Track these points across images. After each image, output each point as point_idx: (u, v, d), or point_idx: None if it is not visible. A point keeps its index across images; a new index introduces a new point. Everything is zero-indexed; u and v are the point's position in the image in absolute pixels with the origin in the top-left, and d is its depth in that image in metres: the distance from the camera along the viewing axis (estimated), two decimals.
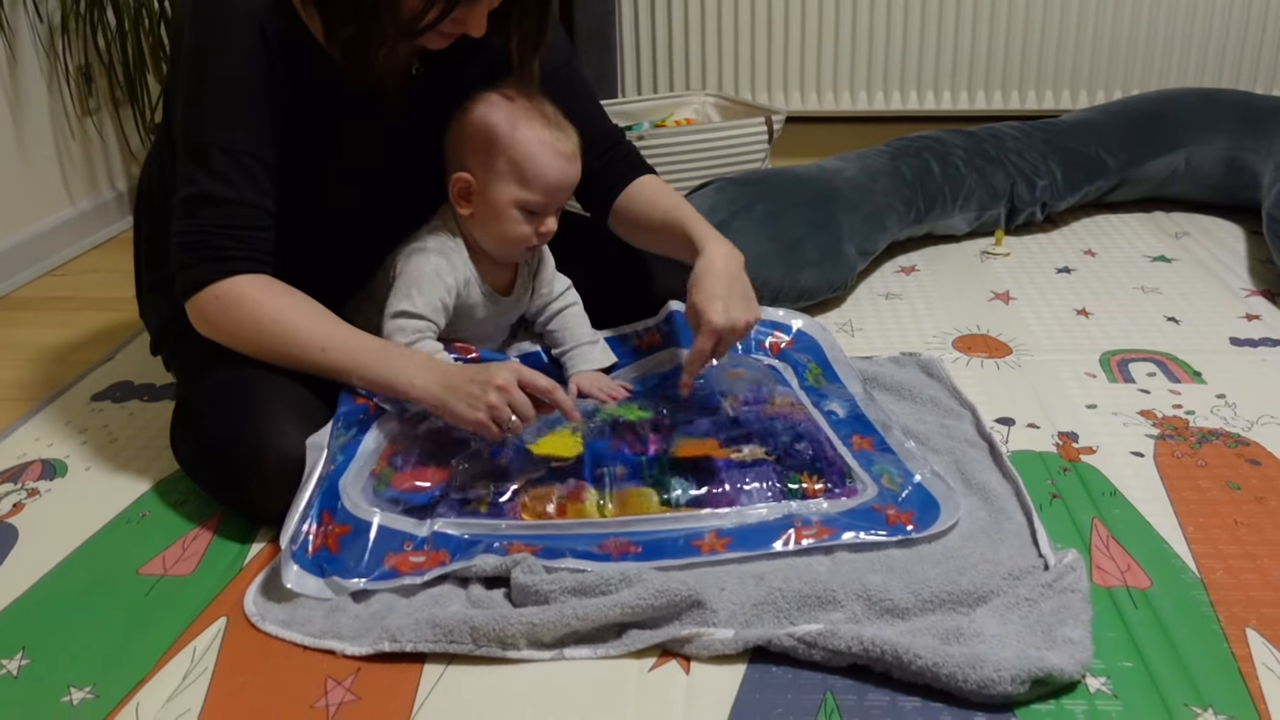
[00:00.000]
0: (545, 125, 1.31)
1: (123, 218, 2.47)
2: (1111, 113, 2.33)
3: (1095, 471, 1.31)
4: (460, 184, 1.32)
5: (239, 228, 1.22)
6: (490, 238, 1.35)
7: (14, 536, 1.25)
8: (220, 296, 1.21)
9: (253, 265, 1.23)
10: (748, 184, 1.90)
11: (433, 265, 1.32)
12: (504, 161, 1.30)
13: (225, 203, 1.21)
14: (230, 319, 1.22)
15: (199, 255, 1.22)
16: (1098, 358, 1.63)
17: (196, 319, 1.25)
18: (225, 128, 1.21)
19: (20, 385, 1.67)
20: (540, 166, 1.30)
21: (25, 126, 2.17)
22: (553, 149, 1.30)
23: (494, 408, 1.16)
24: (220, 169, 1.20)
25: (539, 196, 1.31)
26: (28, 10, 2.17)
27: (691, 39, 2.73)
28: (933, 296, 1.90)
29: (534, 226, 1.33)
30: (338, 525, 1.13)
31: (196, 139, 1.22)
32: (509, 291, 1.42)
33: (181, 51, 1.23)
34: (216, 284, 1.21)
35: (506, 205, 1.31)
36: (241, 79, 1.21)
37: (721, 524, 1.15)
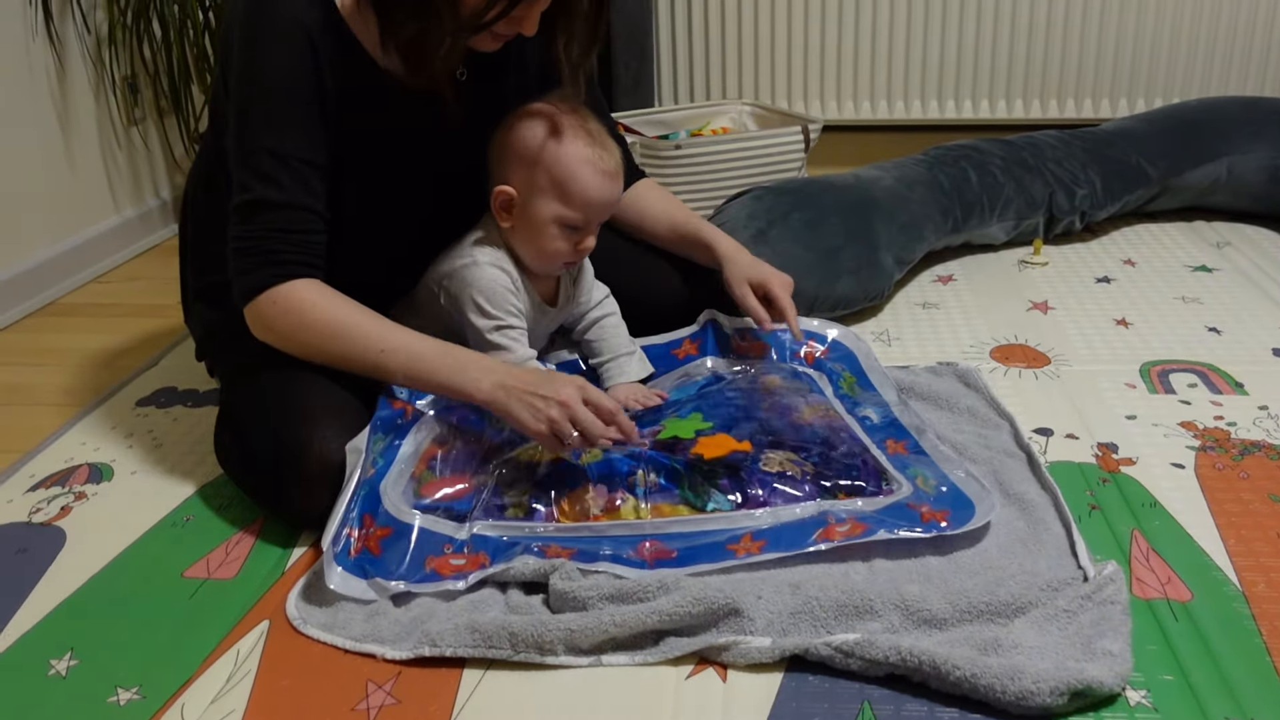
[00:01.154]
0: (589, 143, 1.32)
1: (166, 225, 2.51)
2: (1152, 121, 2.31)
3: (1135, 483, 1.30)
4: (502, 197, 1.34)
5: (294, 231, 1.23)
6: (529, 251, 1.36)
7: (62, 539, 1.27)
8: (278, 301, 1.22)
9: (308, 269, 1.24)
10: (784, 193, 1.90)
11: (490, 276, 1.34)
12: (546, 178, 1.31)
13: (280, 207, 1.22)
14: (288, 323, 1.23)
15: (256, 260, 1.23)
16: (1138, 368, 1.61)
17: (254, 324, 1.26)
18: (277, 133, 1.22)
19: (67, 390, 1.71)
20: (582, 184, 1.31)
21: (73, 136, 2.21)
22: (595, 167, 1.32)
23: (554, 421, 1.17)
24: (273, 174, 1.22)
25: (579, 214, 1.32)
26: (76, 22, 2.21)
27: (728, 48, 2.74)
28: (970, 306, 1.89)
29: (572, 243, 1.34)
30: (379, 528, 1.14)
31: (249, 145, 1.23)
32: (554, 301, 1.43)
33: (231, 62, 1.25)
34: (274, 288, 1.22)
35: (547, 221, 1.32)
36: (292, 86, 1.22)
37: (756, 525, 1.15)
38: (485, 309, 1.33)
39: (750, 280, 1.47)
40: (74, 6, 2.20)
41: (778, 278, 1.47)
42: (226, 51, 1.27)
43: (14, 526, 1.30)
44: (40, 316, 2.05)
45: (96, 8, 2.27)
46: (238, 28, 1.23)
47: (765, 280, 1.46)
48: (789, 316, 1.46)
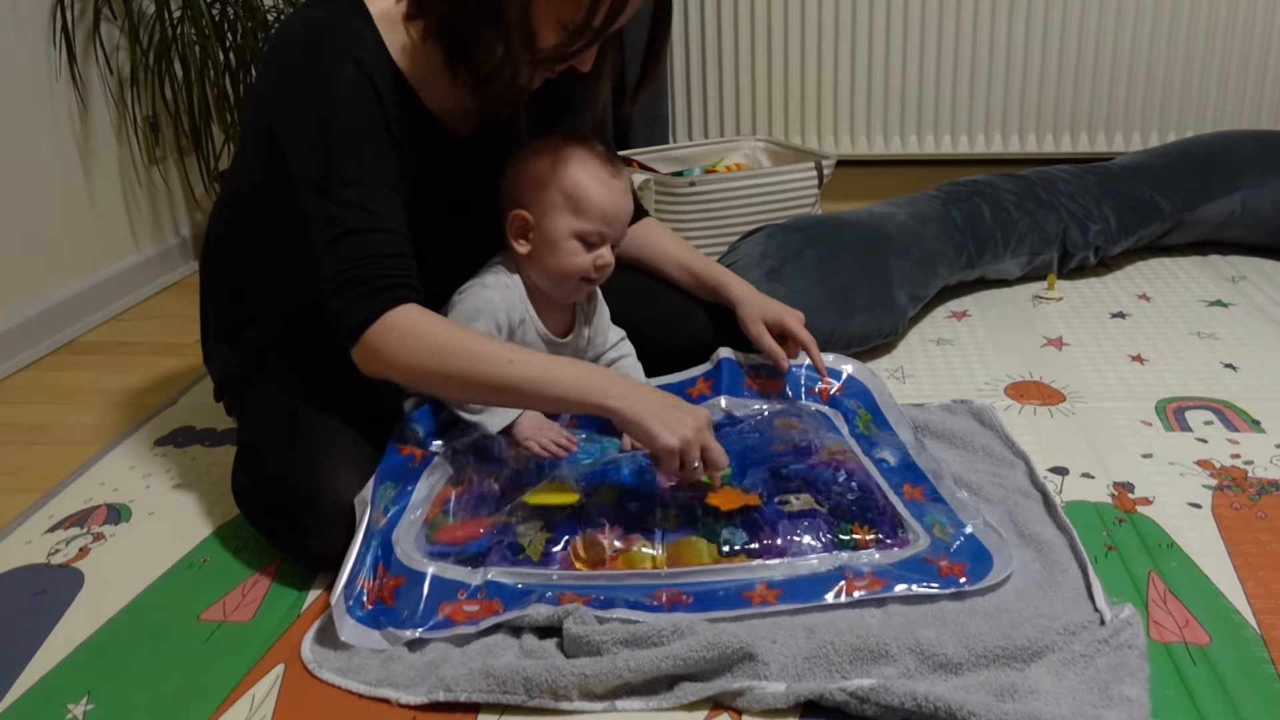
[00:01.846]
0: (594, 157, 1.35)
1: (186, 263, 2.53)
2: (1164, 155, 2.31)
3: (1152, 523, 1.29)
4: (518, 221, 1.35)
5: (391, 255, 1.21)
6: (549, 273, 1.37)
7: (80, 581, 1.28)
8: (395, 326, 1.19)
9: (414, 292, 1.22)
10: (798, 230, 1.91)
11: (484, 299, 1.35)
12: (558, 194, 1.33)
13: (371, 232, 1.21)
14: (410, 347, 1.19)
15: (363, 290, 1.19)
16: (1153, 405, 1.61)
17: (370, 356, 1.21)
18: (356, 162, 1.21)
19: (87, 429, 1.72)
20: (593, 195, 1.33)
21: (95, 175, 2.24)
22: (603, 179, 1.34)
23: (688, 442, 1.17)
24: (359, 201, 1.20)
25: (594, 225, 1.34)
26: (99, 64, 2.24)
27: (742, 85, 2.76)
28: (984, 342, 1.89)
29: (591, 258, 1.35)
30: (392, 578, 1.14)
31: (330, 177, 1.21)
32: (565, 334, 1.44)
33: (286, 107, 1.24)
34: (388, 314, 1.19)
35: (564, 236, 1.34)
36: (362, 113, 1.22)
37: (772, 575, 1.15)
38: None
39: (765, 319, 1.49)
40: (97, 48, 2.23)
41: (790, 313, 1.49)
42: (272, 94, 1.27)
43: (33, 568, 1.31)
44: (61, 355, 2.07)
45: (119, 49, 2.30)
46: (293, 70, 1.23)
47: (779, 317, 1.48)
48: (810, 349, 1.49)
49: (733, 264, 1.82)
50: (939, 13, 2.64)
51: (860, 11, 2.66)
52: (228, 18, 2.34)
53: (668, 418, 1.18)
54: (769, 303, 1.51)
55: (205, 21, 2.24)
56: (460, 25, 1.22)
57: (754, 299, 1.51)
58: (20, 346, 2.00)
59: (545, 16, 1.19)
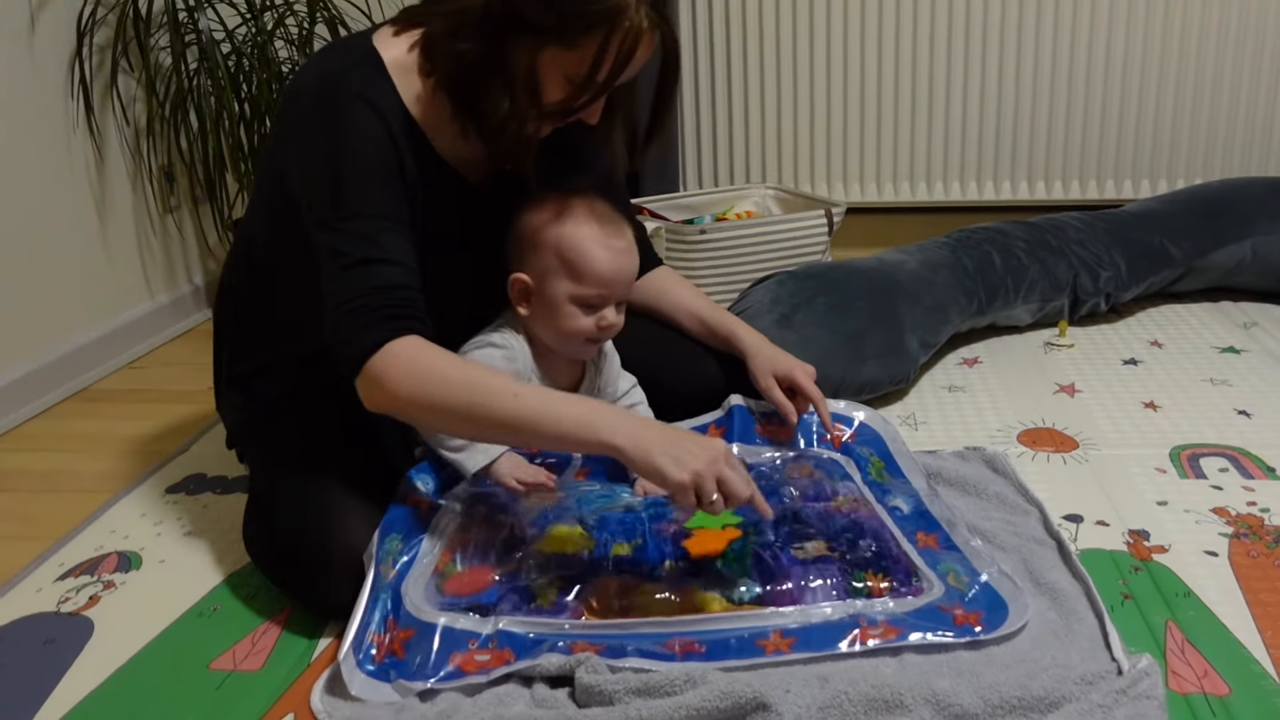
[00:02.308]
0: (592, 219, 1.35)
1: (199, 310, 2.55)
2: (1175, 202, 2.32)
3: (1168, 571, 1.28)
4: (518, 285, 1.36)
5: (398, 287, 1.21)
6: (551, 334, 1.37)
7: (90, 630, 1.27)
8: (399, 355, 1.18)
9: (420, 324, 1.21)
10: (809, 277, 1.91)
11: (487, 356, 1.35)
12: (555, 259, 1.33)
13: (380, 263, 1.21)
14: (415, 377, 1.17)
15: (368, 319, 1.19)
16: (1167, 452, 1.60)
17: (373, 388, 1.19)
18: (367, 197, 1.22)
19: (99, 476, 1.72)
20: (590, 260, 1.33)
21: (110, 224, 2.26)
22: (601, 242, 1.34)
23: (700, 475, 1.12)
24: (369, 233, 1.21)
25: (592, 290, 1.33)
26: (116, 115, 2.27)
27: (751, 133, 2.78)
28: (996, 389, 1.89)
29: (593, 320, 1.35)
30: (402, 629, 1.14)
31: (341, 212, 1.21)
32: (575, 387, 1.44)
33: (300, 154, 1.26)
34: (391, 344, 1.18)
35: (563, 301, 1.34)
36: (376, 151, 1.24)
37: (785, 623, 1.14)
38: None
39: (775, 373, 1.49)
40: (114, 100, 2.26)
41: (801, 368, 1.49)
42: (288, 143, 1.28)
43: (43, 616, 1.31)
44: (75, 402, 2.08)
45: (136, 100, 2.34)
46: (309, 117, 1.25)
47: (789, 372, 1.48)
48: (819, 406, 1.48)
49: (743, 311, 1.82)
50: (947, 62, 2.67)
51: (869, 60, 2.69)
52: (243, 69, 2.37)
53: (676, 451, 1.14)
54: (780, 356, 1.51)
55: (221, 73, 2.27)
56: (467, 78, 1.24)
57: (765, 351, 1.51)
58: (35, 394, 2.01)
59: (551, 70, 1.21)
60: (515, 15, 1.18)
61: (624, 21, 1.17)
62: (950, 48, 2.65)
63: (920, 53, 2.67)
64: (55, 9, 2.11)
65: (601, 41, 1.17)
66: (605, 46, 1.18)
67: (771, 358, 1.51)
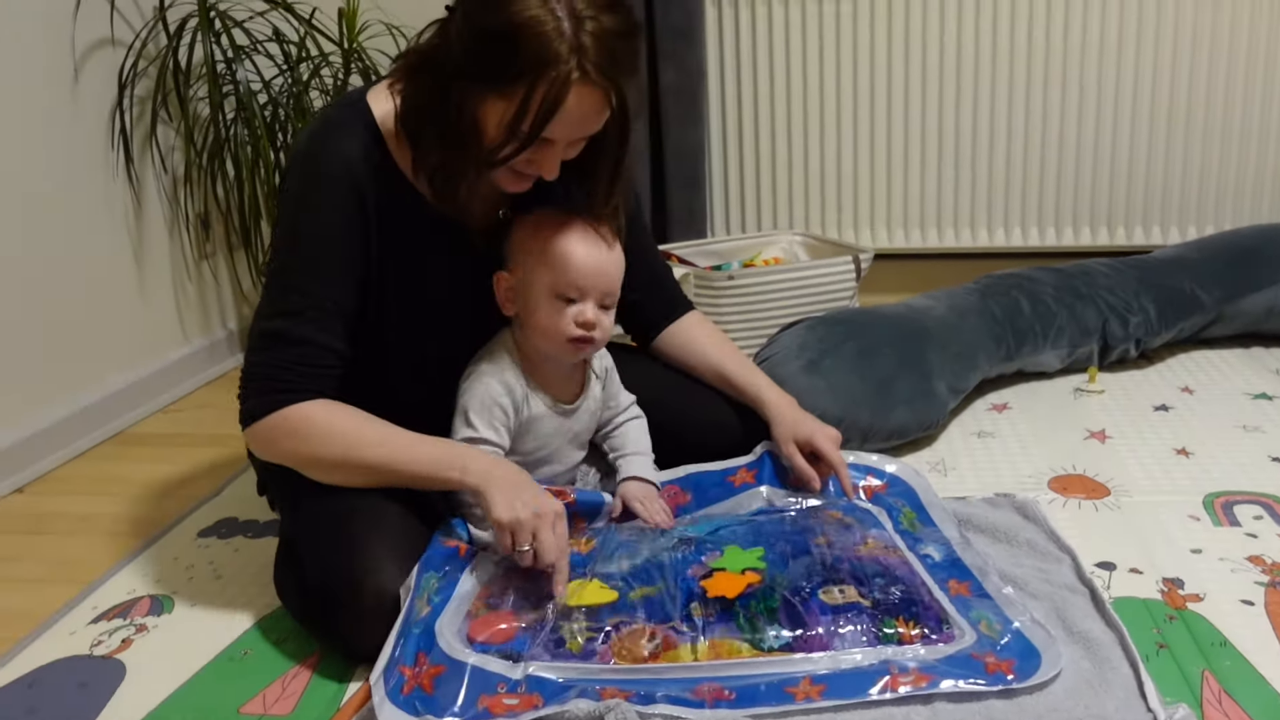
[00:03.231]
0: (578, 220, 1.37)
1: (233, 355, 2.58)
2: (1204, 249, 2.31)
3: (1203, 620, 1.27)
4: (502, 283, 1.38)
5: (307, 365, 1.28)
6: (538, 334, 1.38)
7: (122, 673, 1.28)
8: (285, 418, 1.27)
9: (314, 395, 1.28)
10: (837, 323, 1.92)
11: (484, 387, 1.37)
12: (536, 251, 1.35)
13: (298, 342, 1.28)
14: (288, 435, 1.28)
15: (263, 386, 1.29)
16: (1200, 499, 1.59)
17: (255, 442, 1.31)
18: (311, 274, 1.28)
19: (133, 520, 1.74)
20: (567, 250, 1.34)
21: (147, 271, 2.30)
22: (581, 237, 1.35)
23: (519, 522, 1.22)
24: (299, 310, 1.28)
25: (570, 278, 1.34)
26: (154, 164, 2.32)
27: (779, 179, 2.80)
28: (1026, 435, 1.88)
29: (574, 316, 1.36)
30: (432, 665, 1.14)
31: (283, 280, 1.29)
32: (573, 400, 1.45)
33: (283, 198, 1.32)
34: (280, 410, 1.27)
35: (541, 294, 1.35)
36: (333, 230, 1.28)
37: (815, 669, 1.14)
38: (470, 419, 1.36)
39: (796, 438, 1.48)
40: (154, 149, 2.31)
41: (823, 432, 1.48)
42: (282, 185, 1.34)
43: (76, 659, 1.32)
44: (110, 445, 2.10)
45: (174, 150, 2.38)
46: (293, 169, 1.31)
47: (810, 437, 1.48)
48: (840, 472, 1.47)
49: (771, 357, 1.83)
50: (973, 108, 2.68)
51: (896, 107, 2.70)
52: (279, 119, 2.42)
53: (512, 494, 1.23)
54: (802, 421, 1.50)
55: (258, 123, 2.32)
56: (410, 122, 1.27)
57: (787, 417, 1.51)
58: (71, 437, 2.04)
59: (490, 117, 1.22)
60: (452, 61, 1.21)
61: (550, 72, 1.17)
62: (977, 95, 2.67)
63: (947, 100, 2.68)
64: (98, 61, 2.16)
65: (526, 91, 1.18)
66: (529, 97, 1.18)
67: (793, 423, 1.50)
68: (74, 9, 2.09)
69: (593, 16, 1.17)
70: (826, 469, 1.49)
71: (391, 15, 2.55)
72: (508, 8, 1.16)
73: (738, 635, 1.18)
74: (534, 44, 1.16)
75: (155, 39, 2.31)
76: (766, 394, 1.54)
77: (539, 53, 1.16)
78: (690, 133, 2.68)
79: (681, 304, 1.62)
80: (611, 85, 1.21)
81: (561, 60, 1.16)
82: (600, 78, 1.19)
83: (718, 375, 1.58)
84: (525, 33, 1.15)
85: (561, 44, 1.16)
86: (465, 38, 1.20)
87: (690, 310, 1.64)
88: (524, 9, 1.16)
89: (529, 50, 1.16)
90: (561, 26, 1.16)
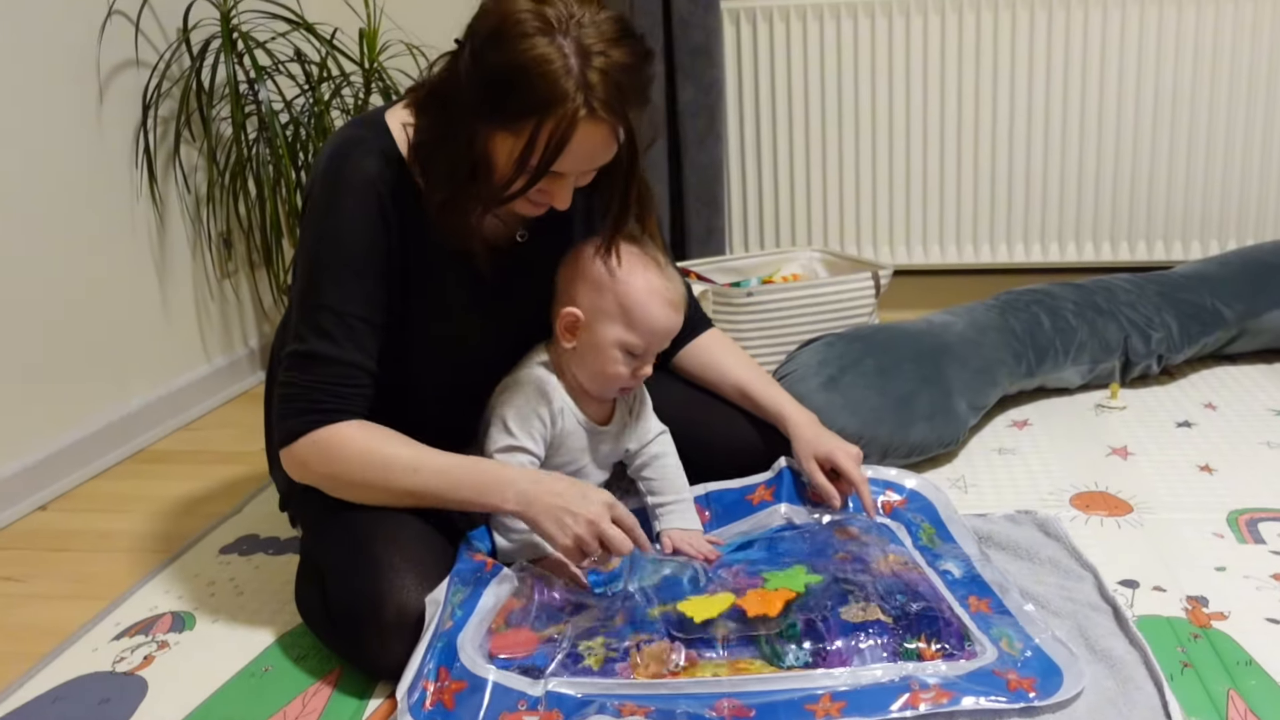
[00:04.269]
0: (657, 272, 1.38)
1: (254, 373, 2.60)
2: (1226, 264, 2.30)
3: (1228, 639, 1.25)
4: (568, 318, 1.38)
5: (340, 384, 1.29)
6: (587, 373, 1.40)
7: (144, 689, 1.29)
8: (316, 441, 1.28)
9: (348, 416, 1.29)
10: (856, 339, 1.92)
11: (524, 397, 1.38)
12: (614, 303, 1.35)
13: (331, 362, 1.28)
14: (323, 458, 1.29)
15: (298, 407, 1.29)
16: (1224, 517, 1.57)
17: (290, 464, 1.31)
18: (340, 291, 1.29)
19: (154, 537, 1.75)
20: (648, 313, 1.36)
21: (170, 289, 2.32)
22: (662, 297, 1.37)
23: (581, 539, 1.23)
24: (330, 329, 1.28)
25: (641, 340, 1.36)
26: (177, 184, 2.34)
27: (798, 196, 2.80)
28: (1047, 451, 1.87)
29: (631, 368, 1.38)
30: (454, 681, 1.14)
31: (312, 300, 1.29)
32: (606, 422, 1.46)
33: (306, 215, 1.33)
34: (315, 431, 1.28)
35: (609, 344, 1.36)
36: (359, 247, 1.29)
37: (835, 685, 1.13)
38: (509, 426, 1.37)
39: (817, 455, 1.48)
40: (177, 169, 2.33)
41: (844, 450, 1.48)
42: (305, 203, 1.35)
43: (98, 676, 1.33)
44: (132, 463, 2.12)
45: (197, 169, 2.40)
46: (315, 187, 1.31)
47: (830, 454, 1.47)
48: (861, 491, 1.47)
49: (790, 373, 1.83)
50: (992, 123, 2.67)
51: (914, 123, 2.70)
52: (300, 138, 2.44)
53: (559, 513, 1.24)
54: (823, 438, 1.50)
55: (280, 142, 2.34)
56: (422, 155, 1.28)
57: (808, 433, 1.51)
58: (93, 455, 2.05)
59: (499, 152, 1.23)
60: (461, 97, 1.22)
61: (558, 110, 1.17)
62: (996, 110, 2.66)
63: (966, 115, 2.68)
64: (122, 82, 2.19)
65: (533, 129, 1.18)
66: (536, 134, 1.18)
67: (814, 439, 1.50)
68: (99, 31, 2.11)
69: (601, 52, 1.18)
70: (847, 486, 1.48)
71: (412, 35, 2.57)
72: (515, 45, 1.16)
73: (758, 656, 1.18)
74: (541, 82, 1.16)
75: (179, 60, 2.33)
76: (788, 410, 1.54)
77: (546, 91, 1.16)
78: (709, 150, 2.69)
79: (701, 322, 1.63)
80: (619, 120, 1.21)
81: (569, 98, 1.16)
82: (607, 113, 1.19)
83: (739, 391, 1.58)
84: (532, 71, 1.16)
85: (568, 81, 1.16)
86: (474, 74, 1.20)
87: (709, 328, 1.64)
88: (531, 47, 1.16)
89: (536, 88, 1.16)
90: (569, 64, 1.16)
